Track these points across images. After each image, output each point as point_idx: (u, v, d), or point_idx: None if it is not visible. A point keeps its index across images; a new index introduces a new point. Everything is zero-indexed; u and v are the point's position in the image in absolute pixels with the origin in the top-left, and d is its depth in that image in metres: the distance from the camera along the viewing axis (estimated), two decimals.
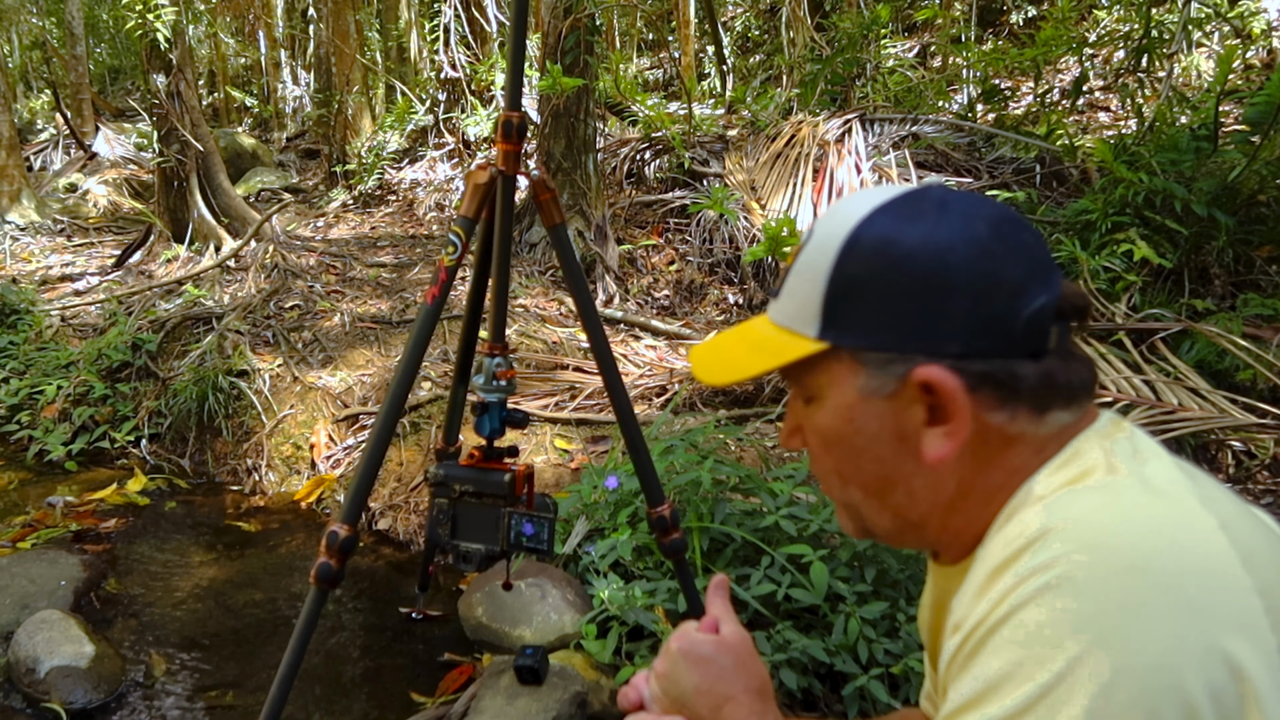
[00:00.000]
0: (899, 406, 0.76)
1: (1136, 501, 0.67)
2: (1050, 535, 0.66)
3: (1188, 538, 0.64)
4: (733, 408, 3.70)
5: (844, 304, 0.75)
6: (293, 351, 4.42)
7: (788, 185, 5.28)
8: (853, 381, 0.76)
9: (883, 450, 0.78)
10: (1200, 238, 3.75)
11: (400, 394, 1.67)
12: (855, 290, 0.75)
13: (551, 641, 2.33)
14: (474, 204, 1.68)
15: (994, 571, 0.69)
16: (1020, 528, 0.69)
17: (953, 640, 0.72)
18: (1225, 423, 2.88)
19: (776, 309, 0.82)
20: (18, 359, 4.78)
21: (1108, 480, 0.70)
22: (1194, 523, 0.66)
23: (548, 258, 5.47)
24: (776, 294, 0.83)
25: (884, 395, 0.75)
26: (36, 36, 17.55)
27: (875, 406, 0.76)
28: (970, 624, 0.69)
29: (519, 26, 1.64)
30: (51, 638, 2.38)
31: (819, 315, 0.76)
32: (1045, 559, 0.65)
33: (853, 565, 2.18)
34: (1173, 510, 0.67)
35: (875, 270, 0.74)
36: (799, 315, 0.78)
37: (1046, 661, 0.61)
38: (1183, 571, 0.62)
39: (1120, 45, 5.88)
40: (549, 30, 5.34)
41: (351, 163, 8.97)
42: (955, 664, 0.71)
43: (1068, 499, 0.69)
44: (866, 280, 0.74)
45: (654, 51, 12.74)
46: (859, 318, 0.75)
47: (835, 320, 0.76)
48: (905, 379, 0.74)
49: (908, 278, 0.73)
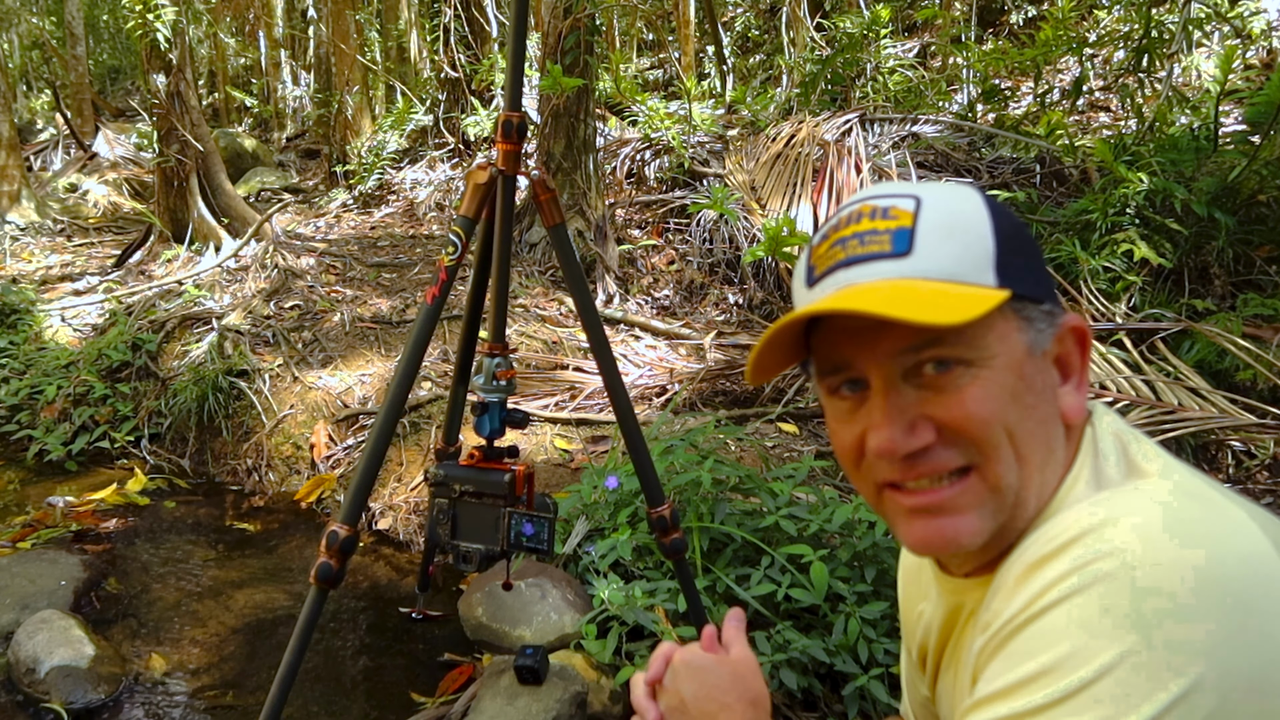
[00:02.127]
0: (1047, 364, 0.77)
1: (1176, 502, 0.67)
2: (1092, 534, 0.66)
3: (1235, 539, 0.64)
4: (733, 408, 3.70)
5: (1011, 255, 0.74)
6: (293, 351, 4.41)
7: (788, 185, 5.28)
8: (1020, 337, 0.74)
9: (1048, 410, 0.76)
10: (1200, 238, 3.75)
11: (400, 394, 1.67)
12: (1013, 242, 0.75)
13: (551, 641, 2.33)
14: (474, 204, 1.68)
15: (1031, 567, 0.68)
16: (1060, 527, 0.69)
17: (982, 637, 0.72)
18: (1225, 423, 2.88)
19: (913, 266, 0.73)
20: (18, 359, 4.78)
21: (1144, 483, 0.71)
22: (1236, 521, 0.66)
23: (548, 258, 5.46)
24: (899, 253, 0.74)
25: (1040, 352, 0.76)
26: (36, 36, 17.55)
27: (1038, 363, 0.76)
28: (1004, 618, 0.69)
29: (519, 26, 1.64)
30: (51, 638, 2.38)
31: (993, 266, 0.73)
32: (1088, 555, 0.64)
33: (853, 565, 2.18)
34: (1212, 510, 0.67)
35: (1014, 224, 0.76)
36: (970, 266, 0.73)
37: (1091, 657, 0.61)
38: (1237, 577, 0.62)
39: (1120, 45, 5.88)
40: (549, 30, 5.34)
41: (351, 163, 8.97)
42: (984, 655, 0.70)
43: (1108, 500, 0.70)
44: (1015, 232, 0.76)
45: (654, 51, 12.74)
46: (1024, 269, 0.75)
47: (1006, 272, 0.74)
48: (1060, 329, 0.76)
49: (1027, 236, 0.77)
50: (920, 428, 0.74)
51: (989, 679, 0.68)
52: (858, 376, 0.77)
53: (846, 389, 0.78)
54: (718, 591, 2.20)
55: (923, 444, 0.74)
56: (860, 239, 0.75)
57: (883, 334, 0.73)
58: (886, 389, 0.75)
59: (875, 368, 0.75)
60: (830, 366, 0.79)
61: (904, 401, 0.74)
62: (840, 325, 0.76)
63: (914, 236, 0.74)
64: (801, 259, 0.82)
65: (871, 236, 0.75)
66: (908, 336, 0.72)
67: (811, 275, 0.79)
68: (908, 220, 0.74)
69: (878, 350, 0.74)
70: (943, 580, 0.87)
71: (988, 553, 0.79)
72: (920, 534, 0.76)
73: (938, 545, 0.76)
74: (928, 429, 0.74)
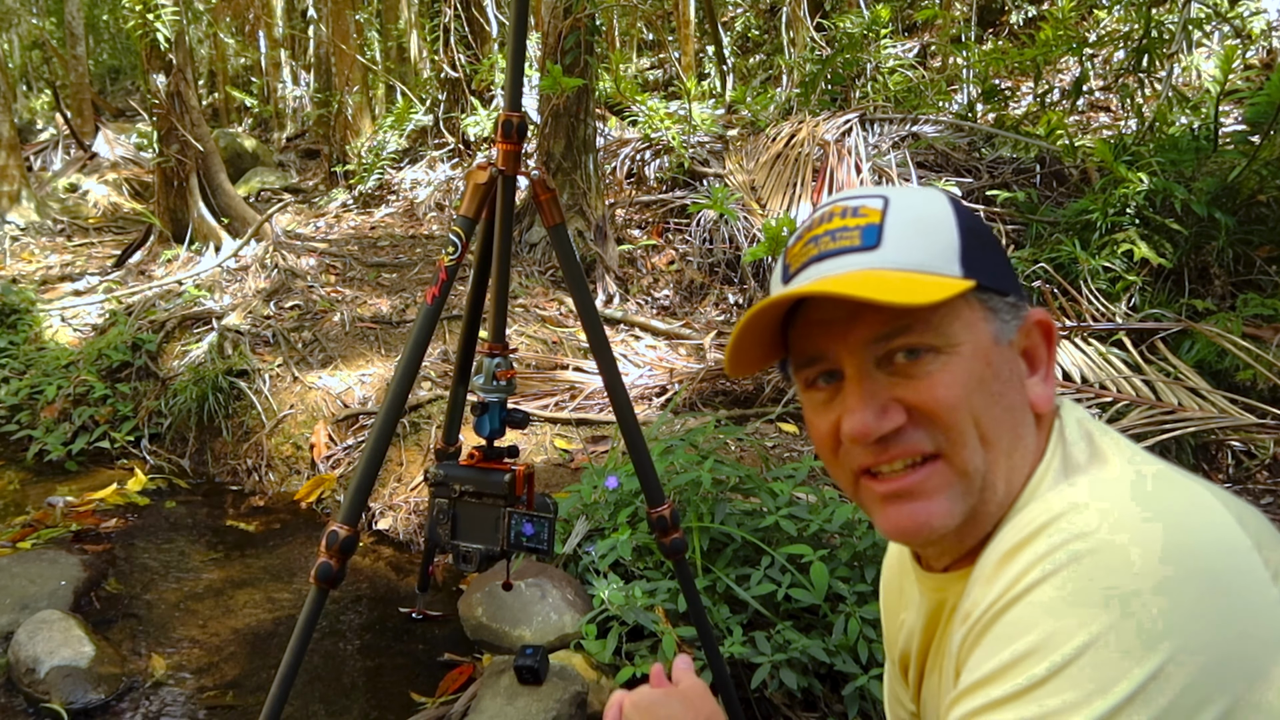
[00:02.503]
0: (1014, 354, 0.79)
1: (1147, 485, 0.69)
2: (1066, 517, 0.67)
3: (1206, 519, 0.66)
4: (733, 408, 3.70)
5: (975, 250, 0.78)
6: (293, 351, 4.41)
7: (788, 185, 5.29)
8: (985, 327, 0.78)
9: (1015, 398, 0.78)
10: (1200, 238, 3.75)
11: (400, 394, 1.67)
12: (977, 238, 0.79)
13: (551, 641, 2.32)
14: (474, 204, 1.68)
15: (1006, 554, 0.70)
16: (1033, 514, 0.71)
17: (963, 628, 0.73)
18: (1225, 423, 2.88)
19: (881, 258, 0.77)
20: (18, 359, 4.78)
21: (1112, 467, 0.73)
22: (1205, 504, 0.68)
23: (548, 258, 5.46)
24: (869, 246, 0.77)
25: (1006, 342, 0.78)
26: (36, 36, 17.55)
27: (1005, 353, 0.78)
28: (983, 606, 0.70)
29: (519, 26, 1.64)
30: (51, 638, 2.38)
31: (959, 258, 0.77)
32: (1063, 538, 0.66)
33: (853, 565, 2.18)
34: (1181, 493, 0.69)
35: (978, 224, 0.80)
36: (936, 258, 0.76)
37: (1069, 636, 0.62)
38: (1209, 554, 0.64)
39: (1120, 45, 5.88)
40: (549, 30, 5.34)
41: (351, 163, 8.97)
42: (966, 645, 0.72)
43: (1080, 485, 0.72)
44: (978, 231, 0.80)
45: (654, 51, 12.74)
46: (987, 263, 0.78)
47: (970, 264, 0.77)
48: (1025, 322, 0.79)
49: (991, 236, 0.81)
50: (892, 411, 0.77)
51: (971, 669, 0.69)
52: (833, 367, 0.80)
53: (823, 380, 0.82)
54: (718, 591, 2.20)
55: (894, 426, 0.77)
56: (832, 235, 0.80)
57: (855, 324, 0.77)
58: (860, 376, 0.78)
59: (849, 356, 0.78)
60: (806, 359, 0.82)
61: (876, 387, 0.77)
62: (815, 318, 0.80)
63: (882, 231, 0.78)
64: (779, 260, 0.86)
65: (842, 233, 0.79)
66: (879, 325, 0.76)
67: (787, 273, 0.83)
68: (876, 217, 0.79)
69: (850, 339, 0.78)
70: (924, 579, 0.89)
71: (964, 543, 0.81)
72: (895, 519, 0.79)
73: (911, 530, 0.79)
74: (899, 412, 0.77)
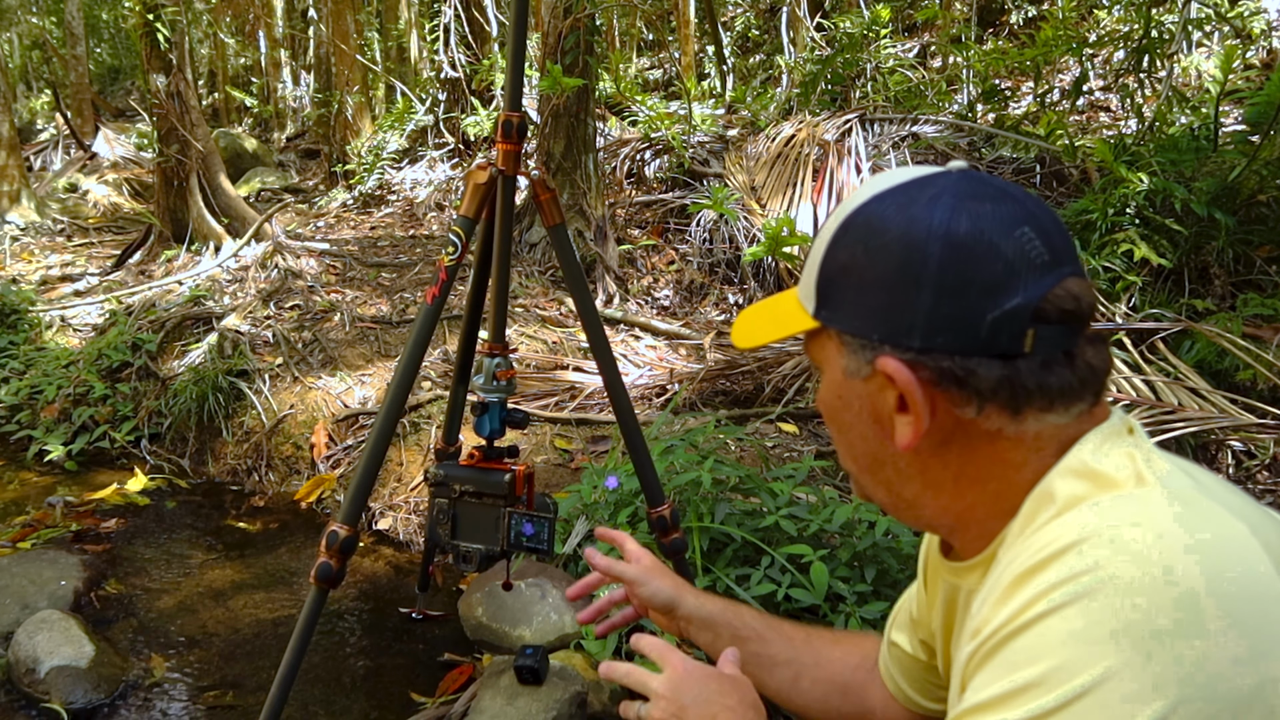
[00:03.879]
0: (873, 390, 0.78)
1: (1172, 513, 0.65)
2: (1085, 544, 0.64)
3: (1231, 555, 0.63)
4: (733, 408, 3.69)
5: (832, 286, 0.79)
6: (293, 352, 4.42)
7: (788, 185, 5.28)
8: (839, 361, 0.80)
9: (865, 429, 0.81)
10: (1200, 238, 3.75)
11: (400, 394, 1.67)
12: (841, 274, 0.78)
13: (551, 641, 2.33)
14: (474, 204, 1.68)
15: (1020, 577, 0.68)
16: (1051, 536, 0.68)
17: (970, 644, 0.72)
18: (1225, 423, 2.88)
19: (800, 283, 0.85)
20: (18, 359, 4.78)
21: (1139, 491, 0.69)
22: (1233, 537, 0.65)
23: (548, 258, 5.46)
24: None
25: (861, 378, 0.79)
26: (36, 36, 17.55)
27: (856, 387, 0.80)
28: (993, 626, 0.68)
29: (519, 26, 1.64)
30: (51, 638, 2.38)
31: (815, 293, 0.80)
32: (1081, 566, 0.63)
33: (853, 565, 2.18)
34: (1209, 523, 0.65)
35: (856, 257, 0.77)
36: (804, 291, 0.83)
37: (1081, 669, 0.60)
38: (1231, 595, 0.61)
39: (1120, 45, 5.87)
40: (549, 30, 5.34)
41: (351, 163, 8.96)
42: (973, 663, 0.70)
43: (1101, 509, 0.68)
44: (849, 265, 0.77)
45: (654, 51, 12.74)
46: (843, 301, 0.78)
47: (826, 300, 0.79)
48: (874, 366, 0.76)
49: (882, 268, 0.75)
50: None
51: (976, 688, 0.68)
52: None
53: None
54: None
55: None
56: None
57: None
58: None
59: None
60: None
61: None
62: None
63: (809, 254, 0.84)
64: None
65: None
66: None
67: None
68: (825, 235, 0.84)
69: None
70: (943, 566, 0.89)
71: (974, 534, 0.82)
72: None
73: (859, 497, 0.90)
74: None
